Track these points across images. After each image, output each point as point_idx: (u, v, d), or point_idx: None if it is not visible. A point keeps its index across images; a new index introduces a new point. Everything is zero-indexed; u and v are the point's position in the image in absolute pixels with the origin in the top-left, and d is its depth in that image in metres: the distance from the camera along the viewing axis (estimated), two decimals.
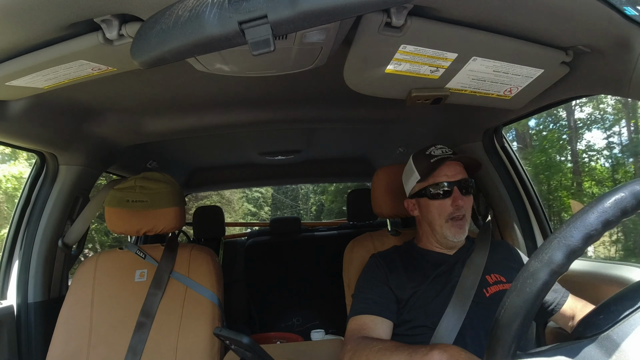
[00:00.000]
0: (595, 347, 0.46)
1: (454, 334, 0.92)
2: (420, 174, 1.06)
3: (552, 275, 0.44)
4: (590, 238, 0.43)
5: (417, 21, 0.69)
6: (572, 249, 0.43)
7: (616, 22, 0.67)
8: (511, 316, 0.45)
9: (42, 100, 1.02)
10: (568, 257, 0.43)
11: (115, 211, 1.27)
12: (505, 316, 0.45)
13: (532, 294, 0.44)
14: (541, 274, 0.44)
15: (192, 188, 2.80)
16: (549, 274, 0.44)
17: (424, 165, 1.06)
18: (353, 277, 1.23)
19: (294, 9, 0.48)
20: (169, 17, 0.53)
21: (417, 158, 1.10)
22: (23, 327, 1.30)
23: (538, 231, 1.42)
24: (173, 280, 1.26)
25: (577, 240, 0.43)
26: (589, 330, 0.48)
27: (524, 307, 0.44)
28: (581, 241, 0.43)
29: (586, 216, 0.44)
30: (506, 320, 0.45)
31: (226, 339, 0.76)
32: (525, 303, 0.44)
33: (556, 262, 0.43)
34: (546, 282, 0.44)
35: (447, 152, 1.06)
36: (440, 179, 1.03)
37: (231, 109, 1.38)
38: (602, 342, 0.46)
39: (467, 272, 1.01)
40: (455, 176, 1.03)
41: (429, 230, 1.08)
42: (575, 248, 0.43)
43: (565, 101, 1.08)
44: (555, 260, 0.43)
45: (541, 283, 0.44)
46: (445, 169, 1.03)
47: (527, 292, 0.44)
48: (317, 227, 3.20)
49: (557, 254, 0.44)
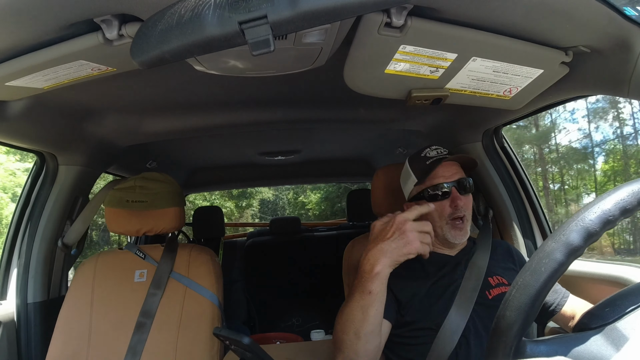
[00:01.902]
0: (600, 337, 0.46)
1: (458, 336, 0.92)
2: (417, 176, 1.05)
3: (568, 256, 0.44)
4: (608, 223, 0.44)
5: (417, 21, 0.69)
6: (589, 232, 0.43)
7: (616, 22, 0.67)
8: (523, 296, 0.44)
9: (42, 101, 1.02)
10: (585, 240, 0.43)
11: (115, 211, 1.27)
12: (517, 296, 0.45)
13: (546, 273, 0.44)
14: (557, 254, 0.44)
15: (191, 188, 2.80)
16: (566, 255, 0.44)
17: (420, 167, 1.05)
18: (352, 277, 1.23)
19: (293, 9, 0.48)
20: (168, 17, 0.53)
21: (412, 161, 1.08)
22: (23, 327, 1.30)
23: (538, 231, 1.43)
24: (173, 280, 1.26)
25: (594, 224, 0.44)
26: (594, 321, 0.48)
27: (537, 286, 0.44)
28: (599, 225, 0.43)
29: (604, 202, 0.44)
30: (517, 300, 0.45)
31: (226, 339, 0.76)
32: (539, 283, 0.44)
33: (573, 244, 0.43)
34: (562, 263, 0.44)
35: (443, 153, 1.05)
36: (438, 180, 1.02)
37: (231, 109, 1.38)
38: (607, 333, 0.46)
39: (470, 273, 1.00)
40: (453, 176, 1.02)
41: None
42: (592, 231, 0.43)
43: (565, 101, 1.08)
44: (572, 242, 0.44)
45: (557, 263, 0.44)
46: (441, 169, 1.02)
47: (542, 272, 0.44)
48: (317, 227, 3.21)
49: (574, 235, 0.44)
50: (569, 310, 0.99)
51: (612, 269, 1.11)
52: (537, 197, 1.44)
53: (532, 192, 1.44)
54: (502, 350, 0.45)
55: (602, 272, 1.13)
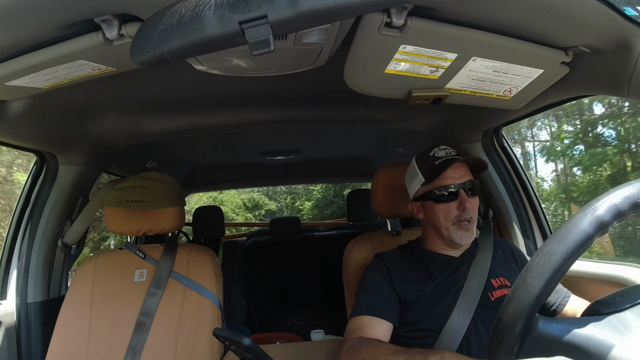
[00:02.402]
0: (611, 322, 0.46)
1: (460, 337, 0.91)
2: (424, 176, 1.03)
3: (596, 230, 0.44)
4: (637, 206, 0.44)
5: (417, 21, 0.69)
6: (618, 210, 0.44)
7: (616, 22, 0.67)
8: (547, 263, 0.44)
9: (42, 100, 1.02)
10: (613, 216, 0.44)
11: (115, 211, 1.27)
12: (541, 263, 0.45)
13: (573, 243, 0.44)
14: (585, 225, 0.44)
15: (191, 188, 2.80)
16: (594, 227, 0.44)
17: (428, 167, 1.03)
18: (353, 277, 1.23)
19: (293, 9, 0.48)
20: (168, 17, 0.53)
21: (420, 160, 1.06)
22: (23, 327, 1.30)
23: (537, 231, 1.43)
24: (172, 280, 1.26)
25: (623, 203, 0.44)
26: (605, 308, 0.48)
27: (563, 254, 0.44)
28: (628, 205, 0.44)
29: (633, 185, 0.45)
30: (542, 266, 0.45)
31: (225, 339, 0.76)
32: (565, 251, 0.44)
33: (602, 218, 0.44)
34: (590, 235, 0.44)
35: (452, 154, 1.03)
36: (446, 182, 1.00)
37: (231, 108, 1.38)
38: (618, 319, 0.46)
39: (473, 274, 0.99)
40: (461, 178, 1.00)
41: (435, 233, 1.06)
42: (621, 210, 0.44)
43: (565, 101, 1.08)
44: (601, 216, 0.44)
45: (585, 234, 0.44)
46: (450, 171, 1.00)
47: (569, 241, 0.44)
48: (316, 227, 3.21)
49: (603, 211, 0.44)
50: (570, 311, 0.99)
51: (613, 269, 1.11)
52: (537, 197, 1.44)
53: (532, 192, 1.44)
54: (516, 321, 0.45)
55: (603, 272, 1.13)
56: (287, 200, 15.04)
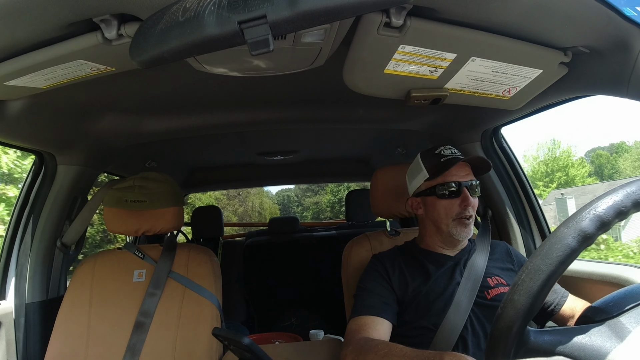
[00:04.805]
0: (604, 329, 0.46)
1: (456, 335, 0.92)
2: (429, 172, 1.05)
3: (580, 243, 0.43)
4: (621, 214, 0.44)
5: (416, 21, 0.69)
6: (602, 221, 0.43)
7: (615, 22, 0.67)
8: (533, 280, 0.44)
9: (41, 100, 1.02)
10: (598, 228, 0.43)
11: (114, 211, 1.27)
12: (527, 280, 0.45)
13: (558, 258, 0.44)
14: (569, 240, 0.44)
15: (191, 188, 2.80)
16: (578, 241, 0.43)
17: (433, 164, 1.05)
18: (351, 277, 1.23)
19: (293, 8, 0.48)
20: (167, 16, 0.53)
21: (425, 156, 1.09)
22: (21, 327, 1.30)
23: (537, 231, 1.43)
24: (171, 280, 1.25)
25: (607, 213, 0.44)
26: (597, 315, 0.48)
27: (548, 271, 0.44)
28: (612, 214, 0.43)
29: (617, 193, 0.44)
30: (527, 284, 0.45)
31: (225, 339, 0.76)
32: (550, 267, 0.44)
33: (585, 230, 0.43)
34: (574, 249, 0.43)
35: (456, 153, 1.07)
36: (451, 179, 1.03)
37: (230, 108, 1.38)
38: (611, 326, 0.46)
39: (469, 273, 1.01)
40: (466, 177, 1.04)
41: (433, 229, 1.07)
42: (605, 220, 0.43)
43: (563, 102, 1.08)
44: (585, 229, 0.43)
45: (568, 249, 0.43)
46: (455, 169, 1.03)
47: (553, 257, 0.44)
48: (315, 227, 3.21)
49: (587, 223, 0.44)
50: (568, 310, 1.00)
51: (612, 269, 1.11)
52: (536, 197, 1.45)
53: (531, 192, 1.44)
54: (506, 336, 0.45)
55: (602, 272, 1.13)
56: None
